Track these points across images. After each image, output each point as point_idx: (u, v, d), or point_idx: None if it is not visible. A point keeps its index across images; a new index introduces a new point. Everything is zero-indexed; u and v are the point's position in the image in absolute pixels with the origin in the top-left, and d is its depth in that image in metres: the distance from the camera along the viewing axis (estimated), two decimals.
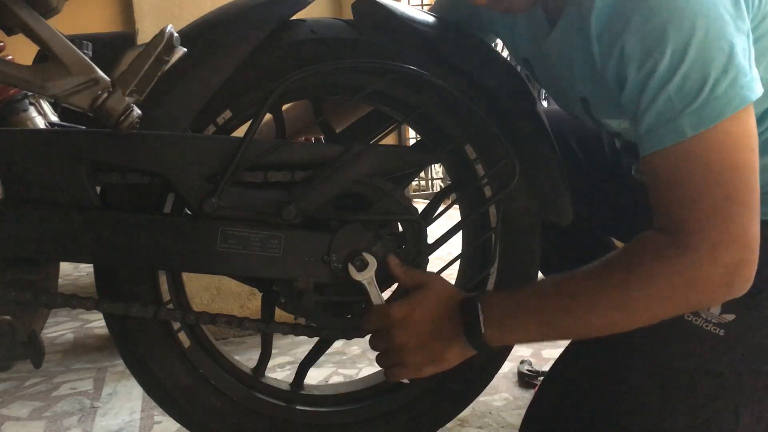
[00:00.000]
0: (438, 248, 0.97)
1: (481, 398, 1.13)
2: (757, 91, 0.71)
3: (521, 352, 1.60)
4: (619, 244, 1.21)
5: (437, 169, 4.64)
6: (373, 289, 0.90)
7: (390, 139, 2.15)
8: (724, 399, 0.85)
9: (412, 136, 4.10)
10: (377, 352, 0.91)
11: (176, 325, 0.94)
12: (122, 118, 0.77)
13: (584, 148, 1.17)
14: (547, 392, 0.96)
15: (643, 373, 0.87)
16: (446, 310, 0.86)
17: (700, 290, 0.74)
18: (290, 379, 1.07)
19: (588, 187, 1.15)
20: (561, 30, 0.88)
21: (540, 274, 1.10)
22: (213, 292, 1.86)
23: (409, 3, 4.09)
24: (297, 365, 1.06)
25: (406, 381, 0.94)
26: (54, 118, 1.08)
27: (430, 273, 0.92)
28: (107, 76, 0.77)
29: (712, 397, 0.85)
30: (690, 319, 0.85)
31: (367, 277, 0.89)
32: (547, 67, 0.97)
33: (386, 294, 0.94)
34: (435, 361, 0.87)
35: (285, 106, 1.02)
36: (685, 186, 0.73)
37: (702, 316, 0.85)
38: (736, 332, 0.84)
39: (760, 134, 0.77)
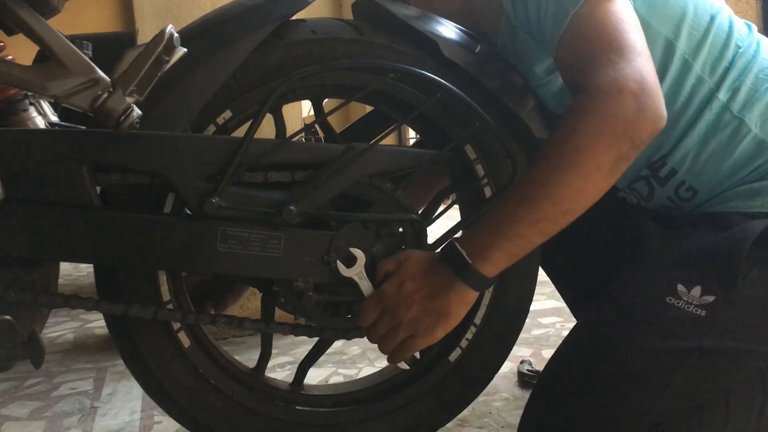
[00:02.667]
0: (438, 248, 0.97)
1: (481, 398, 1.13)
2: None
3: (521, 352, 1.60)
4: None
5: None
6: (364, 283, 0.90)
7: (390, 139, 2.15)
8: (712, 380, 0.87)
9: (412, 136, 4.11)
10: (379, 340, 0.90)
11: (176, 326, 0.94)
12: (122, 118, 0.77)
13: None
14: (542, 389, 0.97)
15: (629, 358, 0.88)
16: (431, 268, 0.87)
17: (619, 119, 0.79)
18: (290, 379, 1.07)
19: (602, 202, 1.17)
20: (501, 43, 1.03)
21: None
22: None
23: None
24: (297, 365, 1.06)
25: (417, 355, 0.93)
26: (54, 118, 1.09)
27: (402, 251, 0.93)
28: (107, 76, 0.77)
29: (700, 378, 0.86)
30: (671, 301, 0.87)
31: (356, 272, 0.89)
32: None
33: None
34: (442, 319, 0.87)
35: None
36: (584, 50, 0.85)
37: (683, 299, 0.87)
38: (716, 312, 0.86)
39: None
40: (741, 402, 0.88)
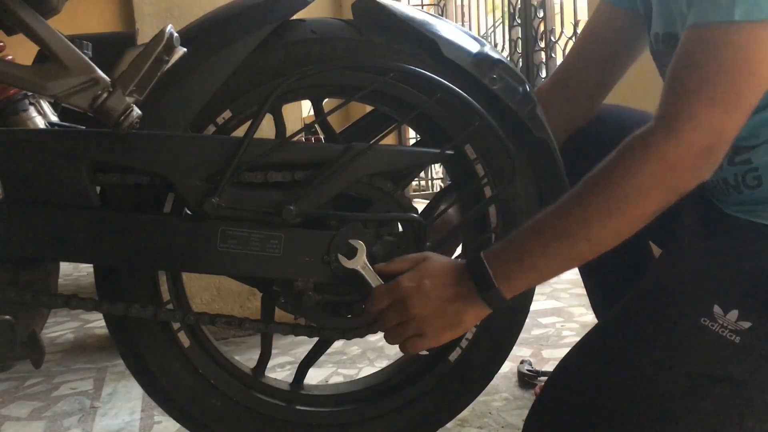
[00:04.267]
0: (438, 248, 0.97)
1: (481, 398, 1.13)
2: None
3: (521, 352, 1.60)
4: (656, 249, 1.22)
5: (437, 169, 4.64)
6: (369, 272, 0.89)
7: (390, 139, 2.15)
8: (734, 409, 0.84)
9: (412, 136, 4.11)
10: (386, 331, 0.89)
11: (176, 326, 0.94)
12: (122, 118, 0.77)
13: None
14: (553, 391, 0.95)
15: (655, 376, 0.85)
16: (453, 275, 0.86)
17: (678, 173, 0.77)
18: (290, 379, 1.07)
19: None
20: None
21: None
22: (213, 292, 1.86)
23: (409, 3, 4.10)
24: (297, 365, 1.06)
25: (425, 352, 0.93)
26: (54, 118, 1.08)
27: (420, 253, 0.92)
28: (107, 76, 0.77)
29: (723, 406, 0.84)
30: (706, 323, 0.84)
31: (360, 263, 0.89)
32: None
33: None
34: (453, 326, 0.87)
35: None
36: (699, 70, 0.77)
37: (718, 321, 0.84)
38: (751, 340, 0.83)
39: None
40: (755, 423, 0.85)
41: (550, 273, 0.85)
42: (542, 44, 3.00)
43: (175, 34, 0.79)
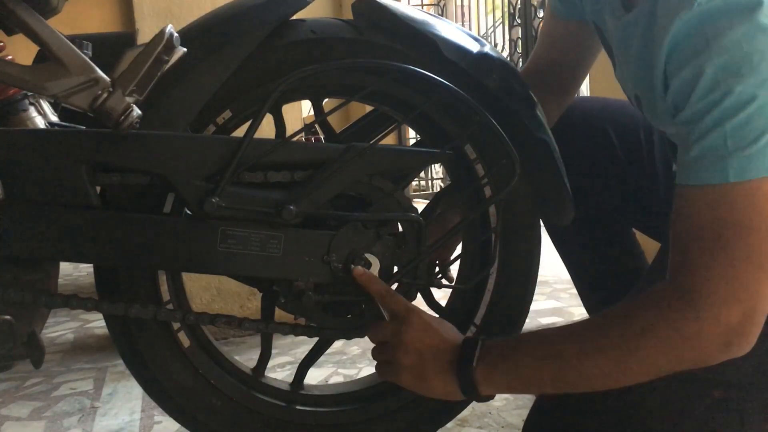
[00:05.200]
0: (438, 248, 0.97)
1: None
2: None
3: None
4: (641, 236, 1.23)
5: (437, 169, 4.65)
6: None
7: (390, 139, 2.15)
8: (733, 411, 0.84)
9: (412, 136, 4.11)
10: (376, 342, 0.91)
11: (176, 326, 0.94)
12: (122, 118, 0.77)
13: (623, 139, 1.17)
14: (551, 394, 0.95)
15: (654, 380, 0.86)
16: (453, 338, 0.86)
17: (696, 349, 0.73)
18: (290, 379, 1.07)
19: (619, 177, 1.15)
20: (633, 18, 0.84)
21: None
22: (213, 292, 1.86)
23: (409, 3, 4.10)
24: (297, 365, 1.06)
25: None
26: (54, 118, 1.08)
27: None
28: (107, 76, 0.77)
29: (723, 408, 0.84)
30: None
31: None
32: (614, 44, 0.95)
33: None
34: (419, 377, 0.86)
35: None
36: (707, 235, 0.72)
37: None
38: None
39: None
40: (756, 424, 0.86)
41: (532, 390, 0.84)
42: None
43: (175, 34, 0.79)
